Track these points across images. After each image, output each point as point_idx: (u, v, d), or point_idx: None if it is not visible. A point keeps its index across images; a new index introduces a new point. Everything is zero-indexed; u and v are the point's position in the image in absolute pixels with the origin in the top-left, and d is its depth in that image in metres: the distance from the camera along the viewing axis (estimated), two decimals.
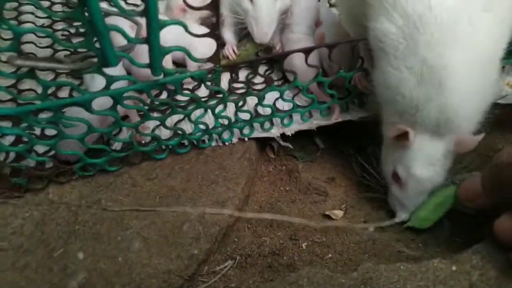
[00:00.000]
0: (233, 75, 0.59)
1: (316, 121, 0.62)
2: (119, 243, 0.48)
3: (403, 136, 0.48)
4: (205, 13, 0.57)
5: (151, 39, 0.40)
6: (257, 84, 0.67)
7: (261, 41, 0.65)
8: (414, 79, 0.45)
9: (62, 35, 0.73)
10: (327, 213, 0.57)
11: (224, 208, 0.52)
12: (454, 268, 0.44)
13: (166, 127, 0.53)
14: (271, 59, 0.68)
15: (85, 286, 0.45)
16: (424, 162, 0.49)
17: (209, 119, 0.58)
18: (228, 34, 0.70)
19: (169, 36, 0.59)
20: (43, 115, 0.55)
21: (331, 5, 0.81)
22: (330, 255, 0.52)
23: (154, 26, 0.39)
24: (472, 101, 0.46)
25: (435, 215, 0.51)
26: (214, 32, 0.42)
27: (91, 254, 0.47)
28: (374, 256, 0.51)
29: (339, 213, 0.57)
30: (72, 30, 0.74)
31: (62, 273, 0.46)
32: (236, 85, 0.66)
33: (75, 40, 0.72)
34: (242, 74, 0.68)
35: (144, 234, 0.49)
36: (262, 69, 0.69)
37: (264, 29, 0.64)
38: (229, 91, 0.63)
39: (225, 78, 0.66)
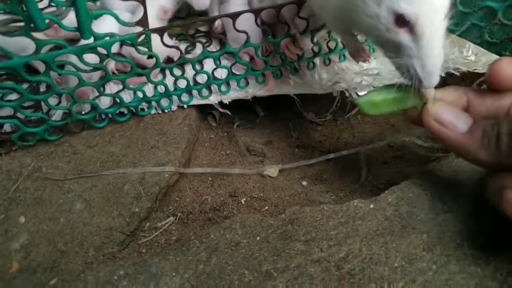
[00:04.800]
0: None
1: (252, 91, 0.66)
2: (60, 206, 0.50)
3: None
4: None
5: (77, 2, 0.41)
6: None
7: (199, 8, 0.67)
8: None
9: None
10: (264, 173, 0.61)
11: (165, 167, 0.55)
12: (372, 206, 0.48)
13: (103, 94, 0.54)
14: (209, 32, 0.71)
15: (27, 246, 0.47)
16: None
17: (148, 88, 0.60)
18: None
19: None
20: None
21: None
22: (266, 208, 0.56)
23: None
24: None
25: (386, 107, 0.46)
26: None
27: (33, 218, 0.49)
28: (306, 206, 0.56)
29: (274, 170, 0.61)
30: None
31: (3, 237, 0.47)
32: None
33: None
34: (182, 47, 0.70)
35: (85, 196, 0.51)
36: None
37: None
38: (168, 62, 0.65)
39: None
